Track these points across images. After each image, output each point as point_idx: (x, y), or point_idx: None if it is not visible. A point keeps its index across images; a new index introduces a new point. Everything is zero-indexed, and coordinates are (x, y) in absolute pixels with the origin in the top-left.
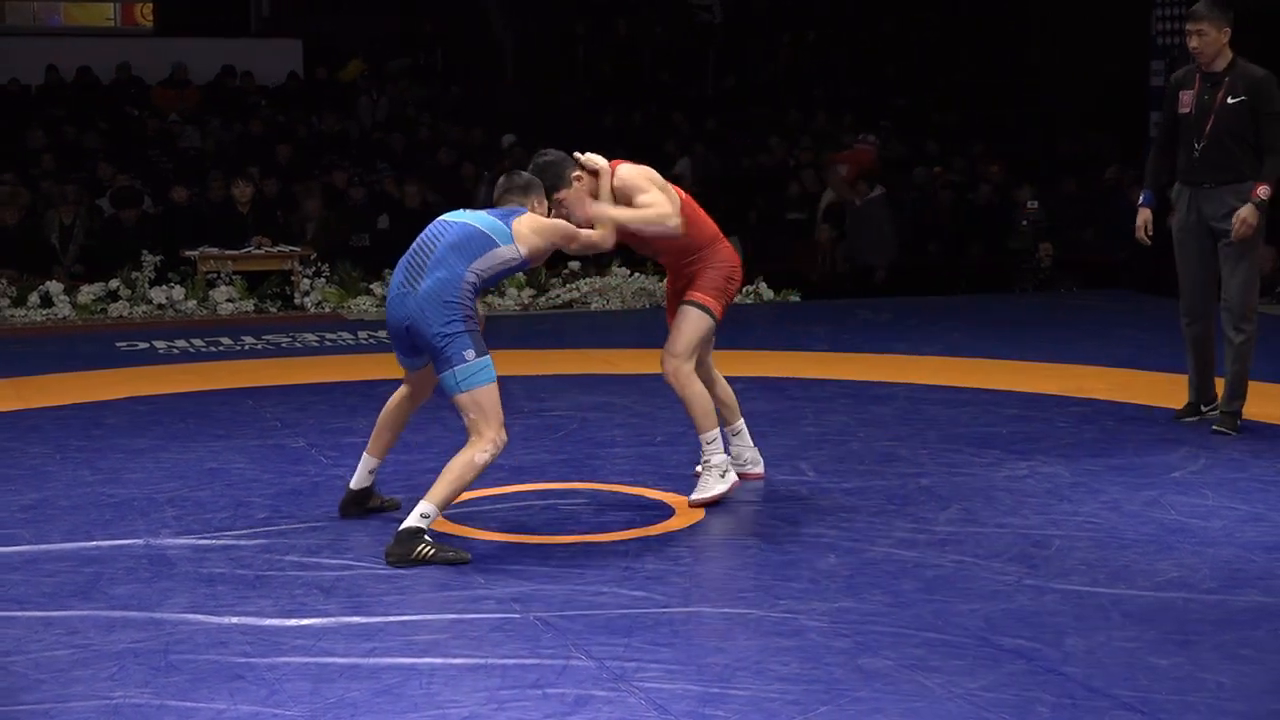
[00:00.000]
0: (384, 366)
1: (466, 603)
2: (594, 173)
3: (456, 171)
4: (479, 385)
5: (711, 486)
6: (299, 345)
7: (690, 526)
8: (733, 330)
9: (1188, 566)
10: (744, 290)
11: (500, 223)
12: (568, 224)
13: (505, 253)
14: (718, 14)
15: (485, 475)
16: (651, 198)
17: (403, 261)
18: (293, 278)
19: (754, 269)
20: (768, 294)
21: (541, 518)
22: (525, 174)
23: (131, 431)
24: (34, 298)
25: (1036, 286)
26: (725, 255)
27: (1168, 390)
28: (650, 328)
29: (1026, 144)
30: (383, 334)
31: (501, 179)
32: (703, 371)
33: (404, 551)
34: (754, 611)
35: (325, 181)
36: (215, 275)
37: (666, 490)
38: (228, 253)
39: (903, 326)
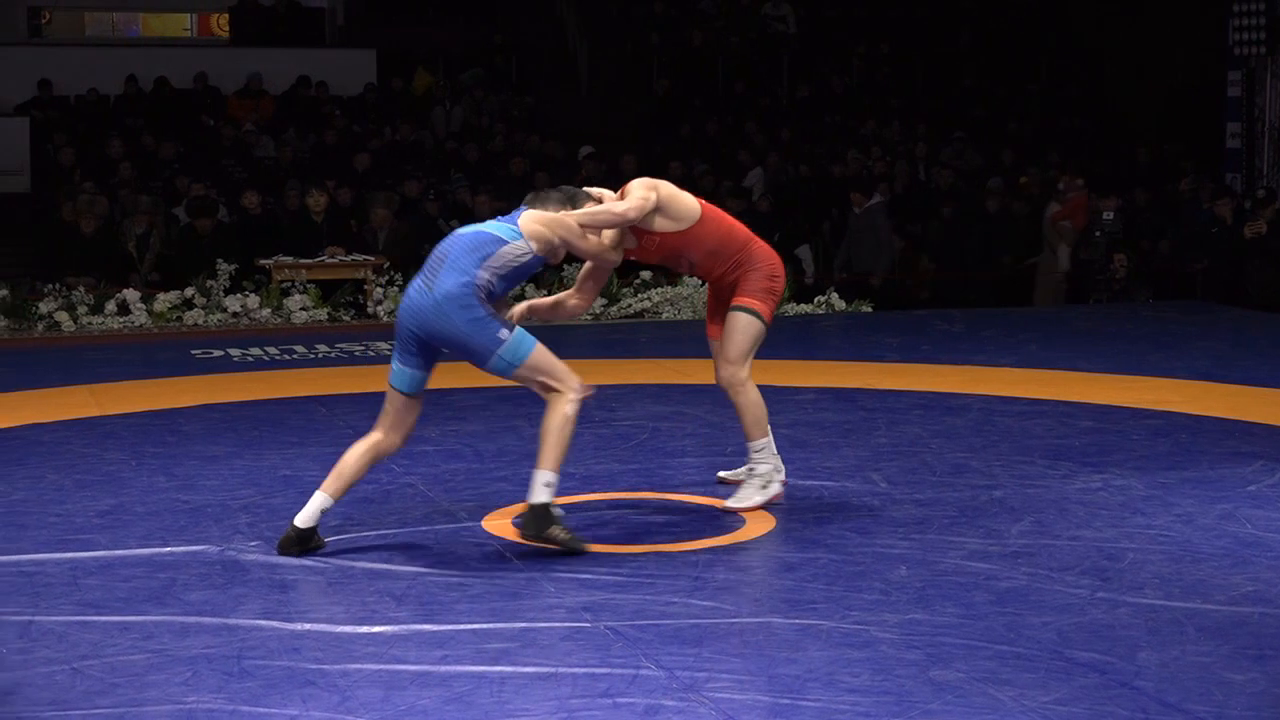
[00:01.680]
0: (455, 376)
1: (537, 611)
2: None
3: (529, 181)
4: (529, 352)
5: (751, 496)
6: (371, 354)
7: (761, 537)
8: (805, 341)
9: (1263, 581)
10: (816, 301)
11: (507, 223)
12: (571, 222)
13: (515, 248)
14: (791, 24)
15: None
16: (627, 201)
17: (420, 271)
18: (366, 286)
19: (828, 279)
20: (839, 304)
21: (612, 527)
22: (556, 190)
23: (206, 438)
24: (111, 305)
25: (1111, 298)
26: (762, 256)
27: (1243, 403)
28: None
29: (1102, 154)
30: None
31: (530, 195)
32: None
33: (539, 528)
34: (825, 622)
35: (399, 191)
36: (289, 284)
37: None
38: (302, 262)
39: (977, 338)
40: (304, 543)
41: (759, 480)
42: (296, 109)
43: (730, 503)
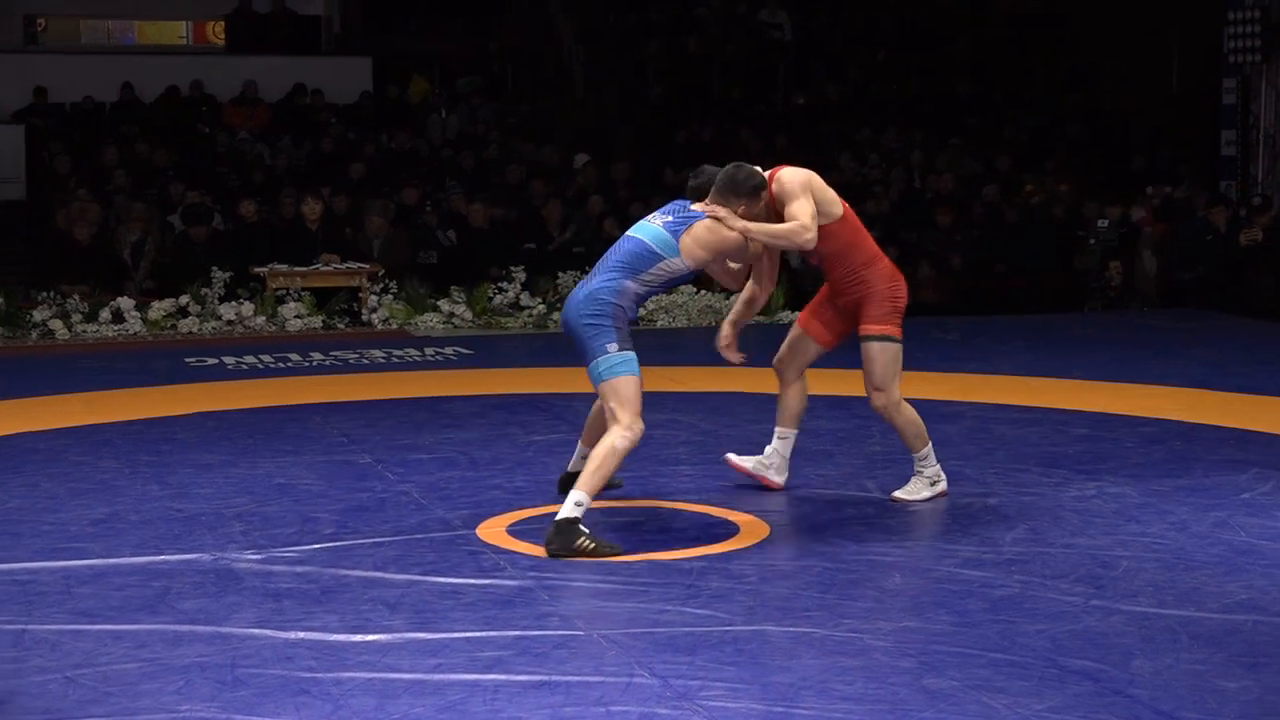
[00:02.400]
0: (450, 383)
1: (531, 620)
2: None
3: (525, 189)
4: (619, 375)
5: (920, 490)
6: (366, 361)
7: (755, 545)
8: None
9: (1257, 589)
10: None
11: (669, 235)
12: (737, 240)
13: (671, 265)
14: (787, 31)
15: (548, 492)
16: (798, 208)
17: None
18: (360, 294)
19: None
20: None
21: (605, 536)
22: (731, 177)
23: (200, 447)
24: (106, 313)
25: (1106, 305)
26: (884, 277)
27: (1238, 411)
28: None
29: (1097, 162)
30: (449, 350)
31: (719, 173)
32: (793, 372)
33: (565, 543)
34: (818, 630)
35: (396, 200)
36: (284, 292)
37: (731, 509)
38: (297, 269)
39: (971, 346)
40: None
41: (926, 479)
42: (292, 117)
43: (899, 493)
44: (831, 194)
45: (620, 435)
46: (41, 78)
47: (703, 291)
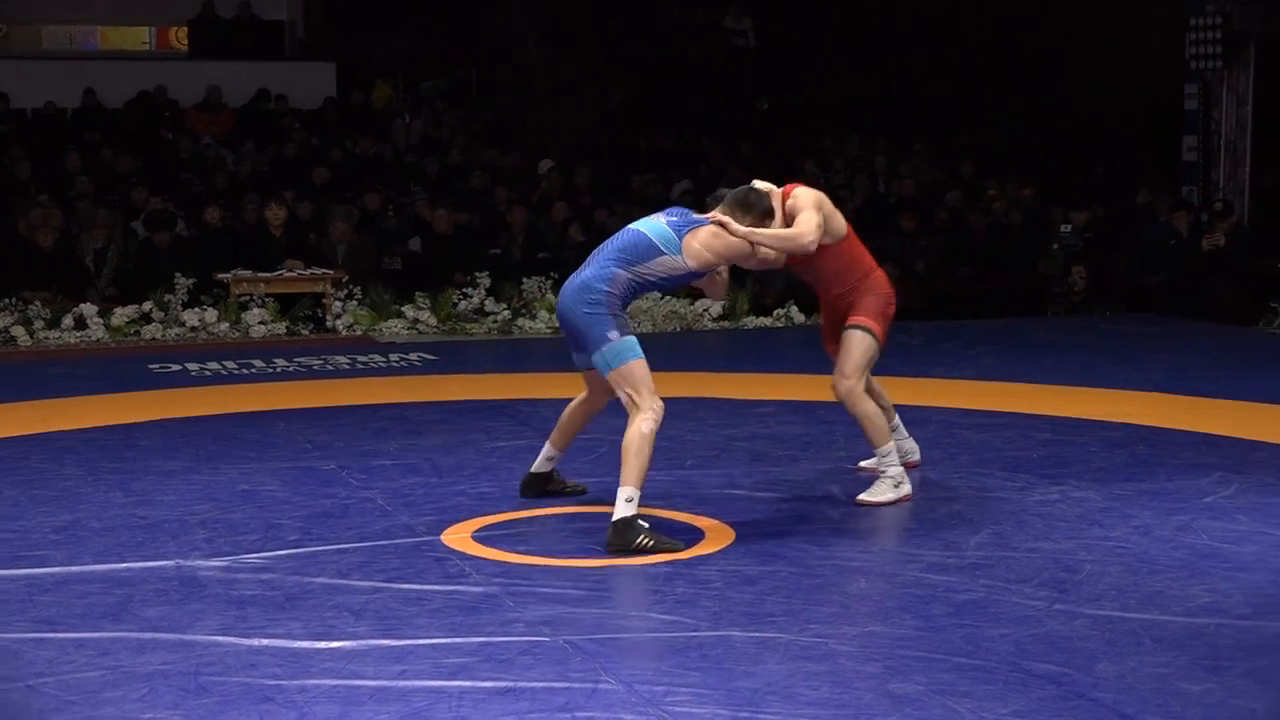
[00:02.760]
0: (414, 389)
1: (496, 626)
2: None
3: (489, 195)
4: (626, 361)
5: (884, 492)
6: (330, 368)
7: (720, 550)
8: (765, 353)
9: (1220, 592)
10: (775, 314)
11: (673, 234)
12: (743, 246)
13: (672, 262)
14: (751, 38)
15: (512, 497)
16: (806, 218)
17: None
18: (324, 300)
19: (785, 293)
20: (799, 318)
21: (572, 541)
22: (744, 196)
23: (163, 453)
24: (68, 320)
25: (1070, 310)
26: (881, 284)
27: (1201, 415)
28: (681, 351)
29: (1059, 167)
30: (414, 357)
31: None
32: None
33: (624, 542)
34: (784, 635)
35: (359, 205)
36: (248, 298)
37: (697, 514)
38: (260, 275)
39: (936, 350)
40: (539, 485)
41: (890, 480)
42: (256, 122)
43: (864, 496)
44: (839, 216)
45: (645, 419)
46: (3, 83)
47: (667, 297)
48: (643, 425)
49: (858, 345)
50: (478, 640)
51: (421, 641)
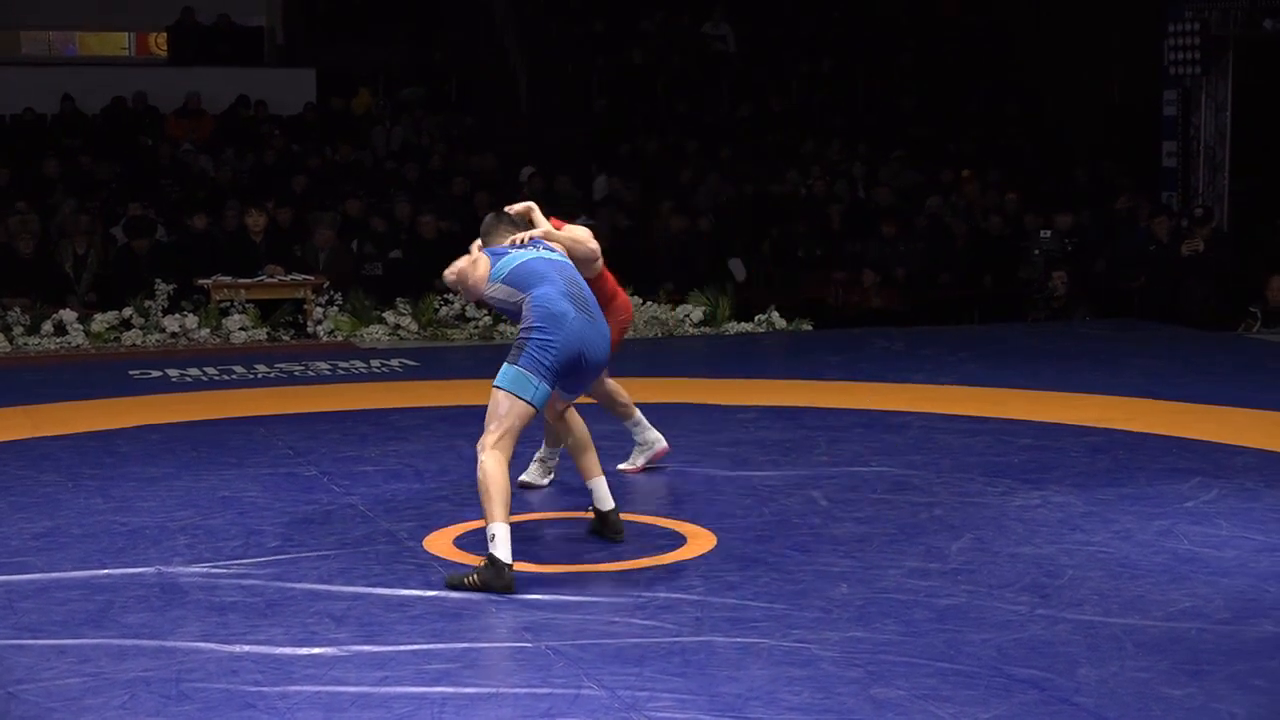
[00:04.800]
0: (396, 395)
1: (478, 632)
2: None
3: (469, 201)
4: (518, 395)
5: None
6: (311, 374)
7: (702, 555)
8: (746, 359)
9: (1201, 596)
10: (756, 320)
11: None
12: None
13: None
14: (732, 43)
15: None
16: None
17: (561, 290)
18: (305, 306)
19: (766, 298)
20: (780, 323)
21: (554, 547)
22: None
23: (144, 460)
24: (48, 326)
25: (1050, 316)
26: (624, 306)
27: (1181, 420)
28: (662, 356)
29: (1040, 173)
30: (395, 362)
31: (491, 217)
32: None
33: (460, 579)
34: (766, 641)
35: (340, 211)
36: (228, 304)
37: (678, 519)
38: (241, 281)
39: (917, 356)
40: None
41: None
42: (235, 128)
43: (622, 466)
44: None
45: (484, 455)
46: None
47: (648, 302)
48: (483, 459)
49: None
50: (460, 646)
51: (404, 647)
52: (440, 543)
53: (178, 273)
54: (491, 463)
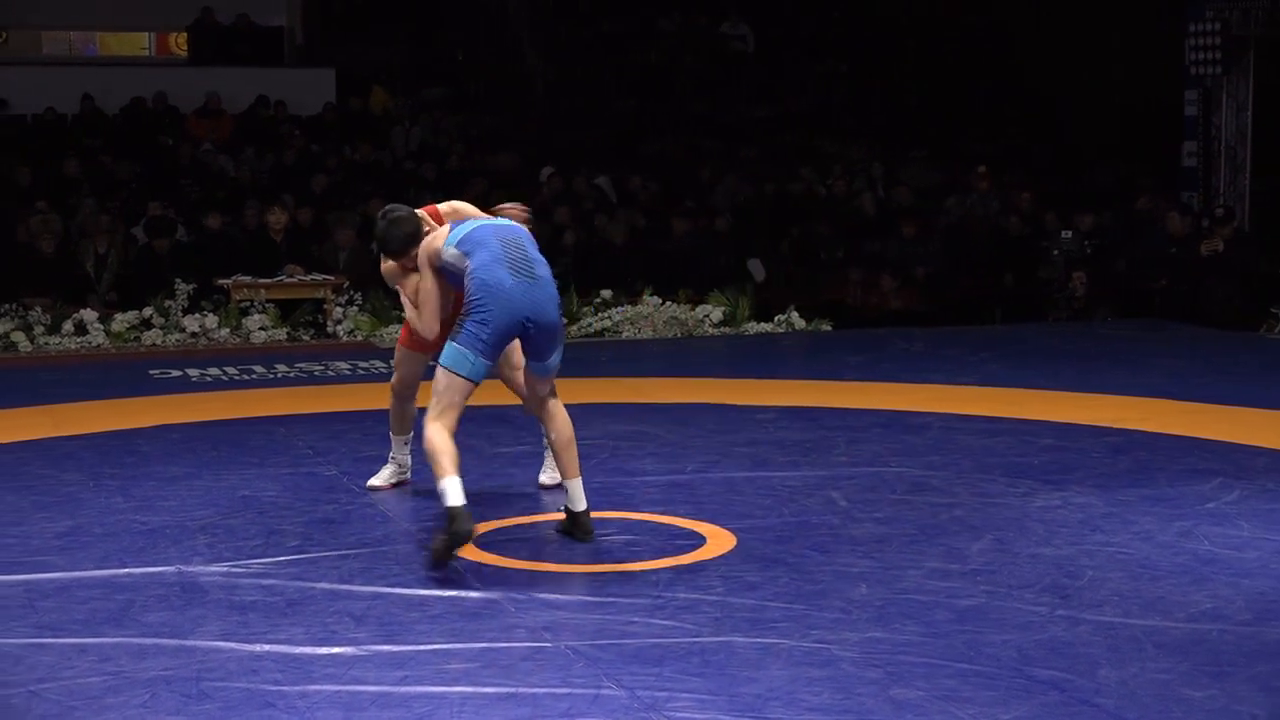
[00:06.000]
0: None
1: (497, 632)
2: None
3: (488, 202)
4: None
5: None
6: (331, 373)
7: (721, 556)
8: (765, 359)
9: (1222, 598)
10: (776, 320)
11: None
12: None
13: None
14: (750, 43)
15: (513, 504)
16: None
17: (496, 256)
18: (325, 306)
19: (786, 298)
20: (799, 323)
21: (573, 547)
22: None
23: (164, 459)
24: (68, 326)
25: (1071, 316)
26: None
27: (1202, 420)
28: (681, 356)
29: (1059, 173)
30: None
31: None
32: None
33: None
34: (785, 641)
35: (361, 211)
36: (248, 304)
37: (698, 519)
38: (260, 281)
39: (937, 356)
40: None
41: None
42: (255, 128)
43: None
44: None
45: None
46: (2, 89)
47: (668, 303)
48: (427, 431)
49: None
50: (479, 646)
51: (423, 647)
52: None
53: (198, 272)
54: (433, 431)
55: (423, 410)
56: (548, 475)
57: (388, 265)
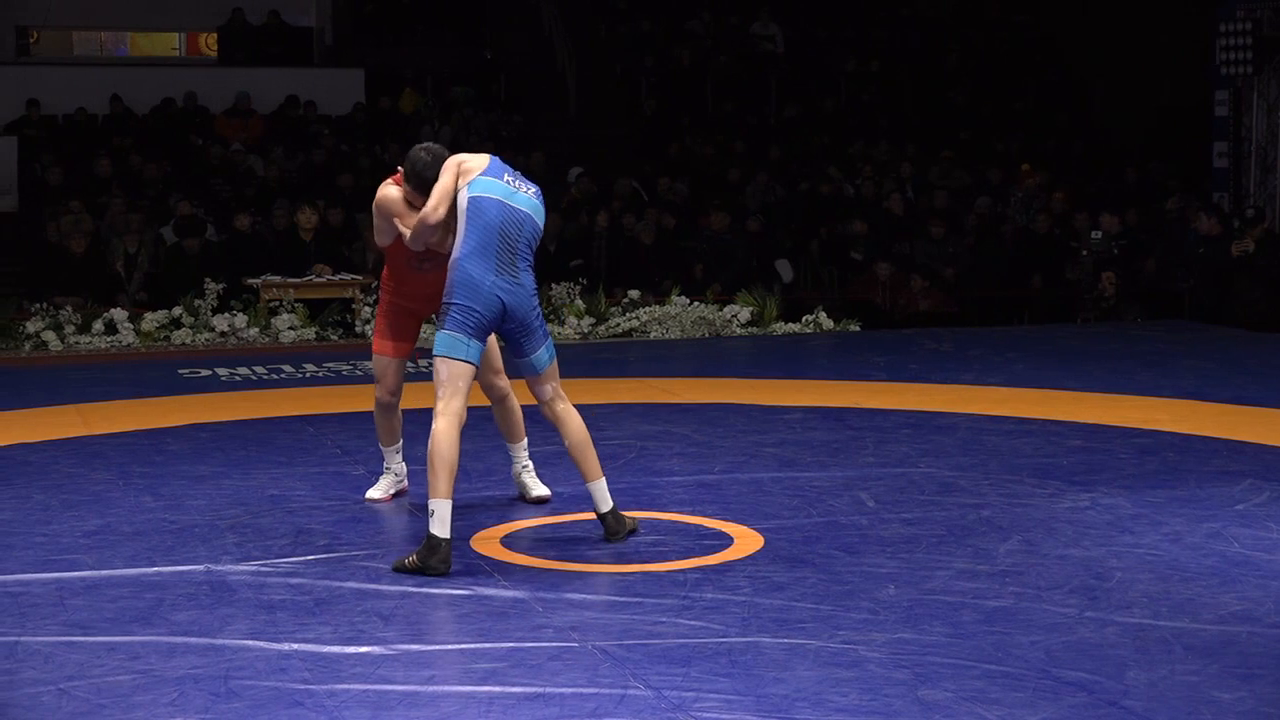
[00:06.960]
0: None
1: (525, 631)
2: None
3: None
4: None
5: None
6: (359, 373)
7: (749, 556)
8: (793, 360)
9: (1251, 600)
10: (804, 320)
11: (542, 208)
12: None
13: None
14: (780, 44)
15: (543, 504)
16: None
17: (488, 248)
18: (354, 305)
19: (814, 299)
20: (827, 323)
21: (600, 547)
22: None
23: (193, 458)
24: (99, 325)
25: (1100, 317)
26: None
27: (1231, 422)
28: (709, 356)
29: (1089, 174)
30: None
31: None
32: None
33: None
34: (813, 642)
35: None
36: (277, 303)
37: (725, 520)
38: (290, 281)
39: (965, 357)
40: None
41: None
42: (285, 128)
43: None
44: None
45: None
46: (34, 89)
47: (696, 303)
48: (434, 428)
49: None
50: (507, 645)
51: (451, 647)
52: (488, 542)
53: (228, 272)
54: (440, 431)
55: (424, 410)
56: (531, 481)
57: (389, 194)
